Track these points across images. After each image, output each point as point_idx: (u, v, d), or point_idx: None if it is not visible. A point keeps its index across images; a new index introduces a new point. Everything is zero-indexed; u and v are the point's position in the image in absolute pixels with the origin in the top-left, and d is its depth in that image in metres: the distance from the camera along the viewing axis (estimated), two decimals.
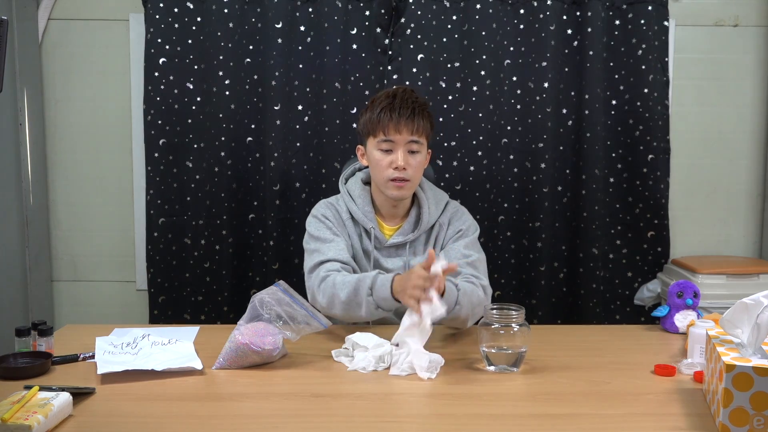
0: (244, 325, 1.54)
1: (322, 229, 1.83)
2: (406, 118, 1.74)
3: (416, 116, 1.76)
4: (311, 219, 1.88)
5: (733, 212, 2.74)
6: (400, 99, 1.76)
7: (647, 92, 2.53)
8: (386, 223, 1.88)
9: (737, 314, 1.31)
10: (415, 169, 1.78)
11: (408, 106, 1.75)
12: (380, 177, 1.80)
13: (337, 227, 1.85)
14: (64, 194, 2.69)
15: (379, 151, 1.78)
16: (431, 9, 2.51)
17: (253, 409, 1.29)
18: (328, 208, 1.88)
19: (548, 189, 2.56)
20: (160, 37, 2.50)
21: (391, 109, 1.75)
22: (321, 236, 1.82)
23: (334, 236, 1.82)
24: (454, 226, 1.87)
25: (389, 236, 1.85)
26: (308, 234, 1.85)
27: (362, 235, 1.86)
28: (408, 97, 1.77)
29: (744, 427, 1.15)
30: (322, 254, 1.78)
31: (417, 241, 1.86)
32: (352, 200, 1.87)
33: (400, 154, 1.76)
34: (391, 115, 1.75)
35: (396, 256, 1.85)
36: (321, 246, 1.80)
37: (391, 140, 1.76)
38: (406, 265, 1.83)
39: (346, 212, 1.87)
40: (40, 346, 1.54)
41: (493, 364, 1.50)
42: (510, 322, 1.49)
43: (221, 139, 2.54)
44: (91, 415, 1.26)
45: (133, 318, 2.70)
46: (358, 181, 1.90)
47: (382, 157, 1.78)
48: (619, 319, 2.66)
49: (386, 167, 1.77)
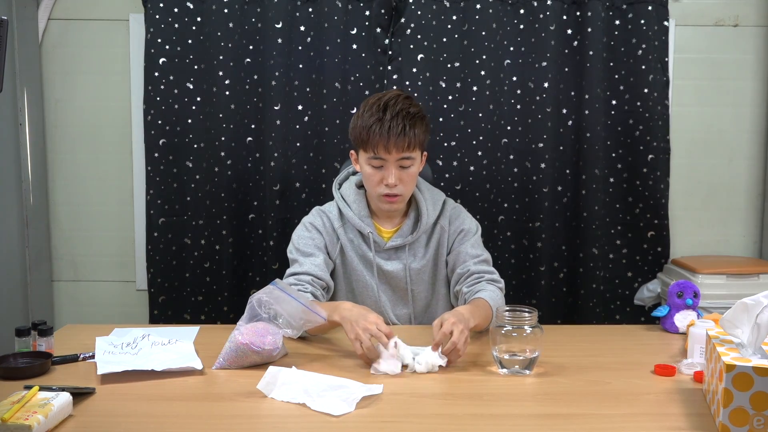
0: (243, 325, 1.54)
1: (306, 240, 1.83)
2: (397, 136, 1.67)
3: (407, 131, 1.68)
4: (299, 228, 1.87)
5: (733, 212, 2.74)
6: (390, 113, 1.68)
7: (647, 92, 2.53)
8: (383, 225, 1.86)
9: (737, 314, 1.31)
10: (407, 183, 1.76)
11: (398, 121, 1.68)
12: (372, 191, 1.78)
13: (325, 236, 1.84)
14: (64, 194, 2.69)
15: (370, 166, 1.75)
16: (431, 9, 2.51)
17: (253, 409, 1.29)
18: (319, 216, 1.87)
19: (548, 189, 2.56)
20: (160, 37, 2.50)
21: (380, 125, 1.68)
22: (302, 248, 1.82)
23: (316, 249, 1.81)
24: (455, 227, 1.87)
25: (388, 239, 1.84)
26: (292, 244, 1.85)
27: (359, 239, 1.84)
28: (399, 108, 1.69)
29: (744, 427, 1.15)
30: (299, 266, 1.79)
31: (417, 243, 1.85)
32: (347, 206, 1.85)
33: (391, 173, 1.72)
34: (380, 133, 1.67)
35: (395, 258, 1.85)
36: (299, 257, 1.81)
37: (381, 158, 1.72)
38: (407, 267, 1.83)
39: (338, 219, 1.85)
40: (40, 346, 1.54)
41: (506, 368, 1.49)
42: (523, 324, 1.48)
43: (221, 139, 2.54)
44: (91, 415, 1.26)
45: (133, 318, 2.70)
46: (353, 185, 1.88)
47: (373, 173, 1.75)
48: (619, 319, 2.66)
49: (377, 183, 1.75)
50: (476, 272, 1.80)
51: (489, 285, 1.77)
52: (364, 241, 1.84)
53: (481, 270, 1.81)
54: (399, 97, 1.74)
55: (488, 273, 1.81)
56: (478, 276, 1.80)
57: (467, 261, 1.82)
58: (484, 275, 1.80)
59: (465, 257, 1.82)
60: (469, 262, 1.81)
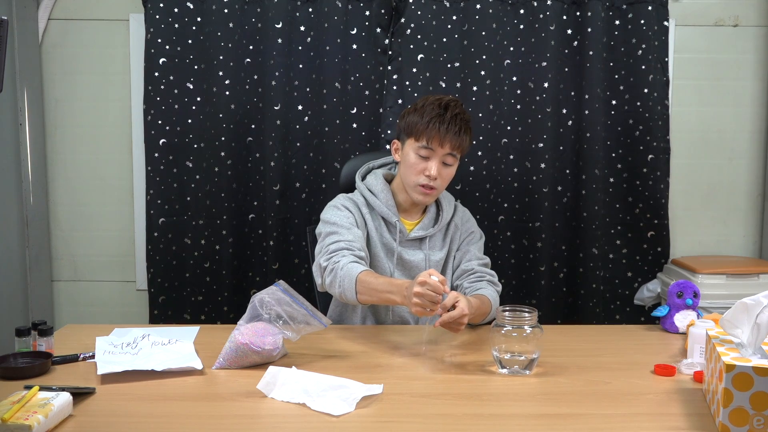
0: (244, 325, 1.54)
1: (342, 217, 1.85)
2: (453, 133, 1.78)
3: (462, 133, 1.79)
4: (329, 208, 1.89)
5: (733, 212, 2.74)
6: (451, 113, 1.79)
7: (647, 92, 2.53)
8: (406, 218, 1.93)
9: (737, 314, 1.31)
10: (444, 180, 1.85)
11: (457, 122, 1.78)
12: (410, 179, 1.84)
13: (356, 217, 1.88)
14: (64, 194, 2.69)
15: (417, 155, 1.81)
16: (431, 9, 2.51)
17: (253, 409, 1.29)
18: (349, 200, 1.92)
19: (548, 189, 2.56)
20: (160, 37, 2.50)
21: (441, 120, 1.77)
22: (339, 222, 1.84)
23: (352, 225, 1.84)
24: (466, 228, 1.98)
25: (410, 230, 1.91)
26: (324, 221, 1.86)
27: (383, 228, 1.90)
28: (458, 112, 1.80)
29: (744, 427, 1.15)
30: (339, 236, 1.79)
31: (436, 236, 1.94)
32: (374, 195, 1.91)
33: (435, 164, 1.80)
34: (440, 126, 1.77)
35: (417, 248, 1.92)
36: (339, 229, 1.81)
37: (431, 149, 1.79)
38: (427, 258, 1.90)
39: (365, 205, 1.91)
40: (40, 346, 1.54)
41: (505, 367, 1.50)
42: (523, 324, 1.49)
43: (221, 139, 2.54)
44: (91, 415, 1.25)
45: (133, 318, 2.70)
46: (380, 177, 1.94)
47: (417, 162, 1.81)
48: (619, 319, 2.66)
49: (419, 172, 1.81)
50: (479, 272, 1.90)
51: (490, 286, 1.87)
52: (388, 229, 1.90)
53: (484, 271, 1.91)
54: (458, 102, 1.84)
55: (490, 275, 1.91)
56: (481, 275, 1.90)
57: (473, 260, 1.92)
58: (485, 276, 1.90)
59: (471, 257, 1.93)
60: (474, 262, 1.92)
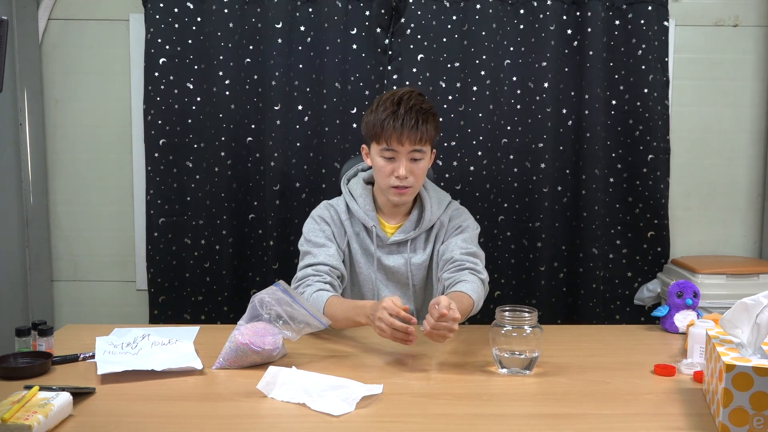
0: (244, 325, 1.54)
1: (316, 232, 1.86)
2: (410, 129, 1.73)
3: (420, 125, 1.74)
4: (308, 221, 1.91)
5: (733, 212, 2.74)
6: (404, 107, 1.74)
7: (647, 92, 2.53)
8: (388, 221, 1.90)
9: (737, 314, 1.32)
10: (417, 176, 1.80)
11: (412, 115, 1.73)
12: (382, 183, 1.82)
13: (334, 228, 1.87)
14: (64, 194, 2.69)
15: (382, 158, 1.79)
16: (431, 9, 2.51)
17: (253, 409, 1.29)
18: (327, 210, 1.91)
19: (548, 189, 2.56)
20: (160, 37, 2.50)
21: (394, 118, 1.73)
22: (313, 239, 1.85)
23: (327, 240, 1.85)
24: (454, 223, 1.90)
25: (391, 234, 1.88)
26: (303, 237, 1.89)
27: (363, 233, 1.88)
28: (413, 104, 1.75)
29: (744, 427, 1.15)
30: (312, 257, 1.82)
31: (418, 239, 1.89)
32: (354, 199, 1.89)
33: (402, 164, 1.77)
34: (394, 125, 1.73)
35: (397, 253, 1.88)
36: (312, 249, 1.84)
37: (393, 150, 1.76)
38: (408, 262, 1.86)
39: (345, 212, 1.89)
40: (40, 346, 1.54)
41: (506, 367, 1.50)
42: (523, 324, 1.49)
43: (221, 139, 2.54)
44: (91, 415, 1.26)
45: (133, 318, 2.70)
46: (360, 181, 1.93)
47: (384, 165, 1.79)
48: (619, 319, 2.66)
49: (388, 175, 1.79)
50: (459, 260, 1.80)
51: (470, 275, 1.76)
52: (368, 234, 1.87)
53: (464, 259, 1.80)
54: (412, 93, 1.79)
55: (471, 263, 1.80)
56: (460, 264, 1.79)
57: (454, 250, 1.82)
58: (465, 263, 1.79)
59: (453, 247, 1.83)
60: (456, 251, 1.82)
